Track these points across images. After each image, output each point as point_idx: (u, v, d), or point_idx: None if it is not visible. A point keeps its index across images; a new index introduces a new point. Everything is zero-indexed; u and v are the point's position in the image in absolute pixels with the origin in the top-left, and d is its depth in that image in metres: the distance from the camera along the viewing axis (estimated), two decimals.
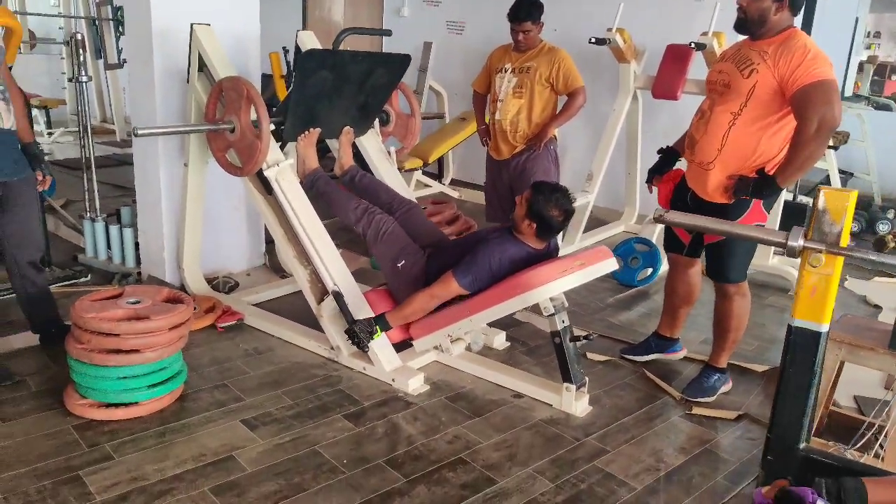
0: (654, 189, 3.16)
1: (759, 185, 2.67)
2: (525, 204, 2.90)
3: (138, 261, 4.01)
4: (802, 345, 2.01)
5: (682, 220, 2.23)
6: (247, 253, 4.25)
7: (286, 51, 6.68)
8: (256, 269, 4.27)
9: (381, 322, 2.99)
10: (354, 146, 3.72)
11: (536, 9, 3.85)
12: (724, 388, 3.10)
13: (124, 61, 4.74)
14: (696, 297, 3.24)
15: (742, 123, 2.67)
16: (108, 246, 4.09)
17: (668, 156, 3.13)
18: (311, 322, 3.32)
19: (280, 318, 3.50)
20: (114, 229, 4.02)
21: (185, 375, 2.82)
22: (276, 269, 4.24)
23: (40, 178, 2.96)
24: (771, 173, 2.67)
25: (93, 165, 4.26)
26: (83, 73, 4.12)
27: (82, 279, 3.93)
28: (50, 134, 8.31)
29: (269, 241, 4.29)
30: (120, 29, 8.05)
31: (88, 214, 4.25)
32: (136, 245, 4.01)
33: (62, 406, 2.64)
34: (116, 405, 2.60)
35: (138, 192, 3.93)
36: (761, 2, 2.61)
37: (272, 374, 3.05)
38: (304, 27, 8.02)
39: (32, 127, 3.14)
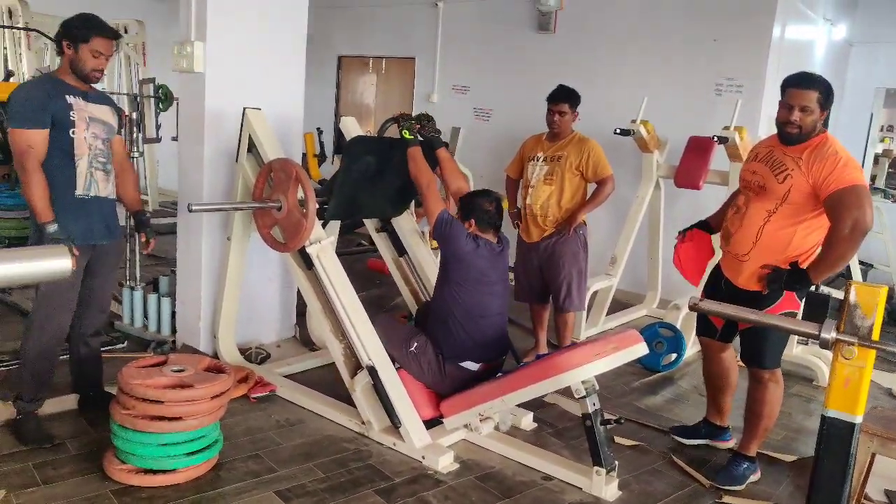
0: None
1: (792, 279, 2.76)
2: (459, 212, 3.30)
3: (174, 329, 4.11)
4: (836, 435, 2.06)
5: (716, 308, 2.32)
6: (278, 325, 4.35)
7: (320, 131, 6.99)
8: (287, 341, 4.35)
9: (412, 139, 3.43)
10: (390, 225, 3.87)
11: (574, 96, 4.11)
12: (754, 478, 3.10)
13: (172, 138, 5.01)
14: (733, 381, 3.28)
15: (776, 220, 2.81)
16: (145, 314, 4.20)
17: (701, 224, 3.30)
18: (342, 396, 3.38)
19: (311, 391, 3.56)
20: (152, 298, 4.15)
21: (220, 444, 2.87)
22: (305, 341, 4.32)
23: (144, 239, 3.20)
24: (803, 266, 2.77)
25: (136, 236, 4.42)
26: (136, 149, 4.34)
27: (118, 346, 4.03)
28: None
29: (300, 314, 4.40)
30: (160, 105, 8.47)
31: (128, 283, 4.38)
32: (173, 314, 4.12)
33: (101, 471, 2.70)
34: (155, 471, 2.65)
35: (179, 263, 4.07)
36: (813, 114, 2.75)
37: (304, 447, 3.09)
38: (337, 109, 8.39)
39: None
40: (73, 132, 2.81)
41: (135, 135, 4.40)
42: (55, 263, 0.91)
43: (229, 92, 3.76)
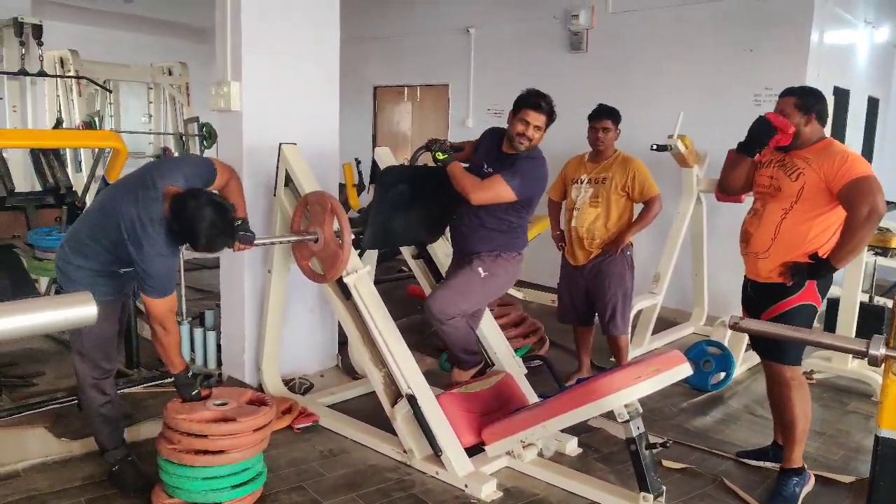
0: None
1: (815, 268, 2.92)
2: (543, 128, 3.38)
3: (219, 362, 4.19)
4: (892, 456, 1.96)
5: (757, 327, 2.25)
6: (321, 355, 4.39)
7: (358, 162, 7.07)
8: (330, 370, 4.39)
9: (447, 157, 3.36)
10: (426, 252, 3.89)
11: (616, 113, 4.08)
12: (807, 489, 3.03)
13: None
14: None
15: (792, 217, 2.94)
16: (192, 348, 4.29)
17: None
18: (384, 424, 3.38)
19: (353, 420, 3.58)
20: (198, 332, 4.24)
21: (265, 476, 2.90)
22: (348, 370, 4.35)
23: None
24: (824, 256, 2.88)
25: (182, 270, 4.53)
26: None
27: (168, 380, 4.11)
28: None
29: (342, 343, 4.44)
30: (204, 143, 8.74)
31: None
32: (219, 347, 4.20)
33: None
34: None
35: (223, 296, 4.15)
36: (791, 117, 2.95)
37: (347, 477, 3.10)
38: (374, 138, 8.50)
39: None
40: None
41: None
42: (80, 311, 0.94)
43: (266, 128, 3.85)
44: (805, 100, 2.95)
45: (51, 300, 0.94)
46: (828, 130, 3.11)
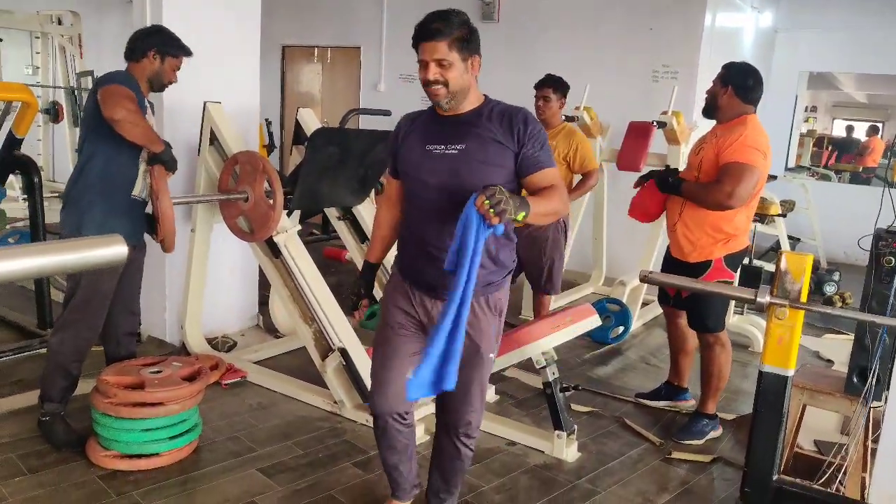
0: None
1: (664, 180, 3.19)
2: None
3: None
4: (772, 388, 2.31)
5: (663, 279, 2.55)
6: (241, 314, 4.42)
7: (268, 122, 6.99)
8: (250, 329, 4.44)
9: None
10: (351, 213, 4.00)
11: (560, 84, 4.22)
12: (714, 434, 3.40)
13: None
14: (690, 346, 3.57)
15: None
16: None
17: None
18: (311, 378, 3.51)
19: (281, 375, 3.68)
20: None
21: (200, 428, 2.97)
22: (269, 329, 4.42)
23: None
24: (678, 178, 3.18)
25: None
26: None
27: None
28: (25, 199, 8.34)
29: (262, 302, 4.49)
30: None
31: None
32: None
33: (85, 458, 2.78)
34: (139, 456, 2.74)
35: None
36: (713, 87, 3.17)
37: (280, 427, 3.21)
38: (282, 99, 8.39)
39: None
40: None
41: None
42: (111, 251, 1.01)
43: (186, 86, 3.77)
44: (726, 72, 3.11)
45: (81, 241, 1.02)
46: None
